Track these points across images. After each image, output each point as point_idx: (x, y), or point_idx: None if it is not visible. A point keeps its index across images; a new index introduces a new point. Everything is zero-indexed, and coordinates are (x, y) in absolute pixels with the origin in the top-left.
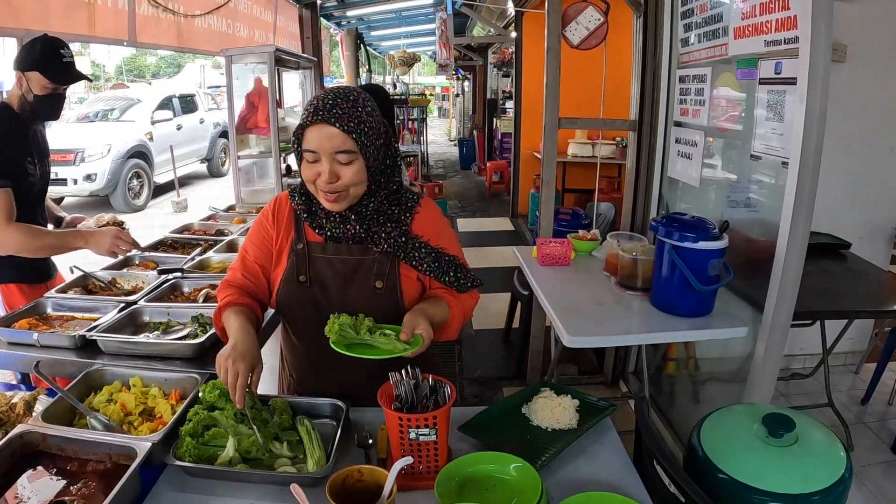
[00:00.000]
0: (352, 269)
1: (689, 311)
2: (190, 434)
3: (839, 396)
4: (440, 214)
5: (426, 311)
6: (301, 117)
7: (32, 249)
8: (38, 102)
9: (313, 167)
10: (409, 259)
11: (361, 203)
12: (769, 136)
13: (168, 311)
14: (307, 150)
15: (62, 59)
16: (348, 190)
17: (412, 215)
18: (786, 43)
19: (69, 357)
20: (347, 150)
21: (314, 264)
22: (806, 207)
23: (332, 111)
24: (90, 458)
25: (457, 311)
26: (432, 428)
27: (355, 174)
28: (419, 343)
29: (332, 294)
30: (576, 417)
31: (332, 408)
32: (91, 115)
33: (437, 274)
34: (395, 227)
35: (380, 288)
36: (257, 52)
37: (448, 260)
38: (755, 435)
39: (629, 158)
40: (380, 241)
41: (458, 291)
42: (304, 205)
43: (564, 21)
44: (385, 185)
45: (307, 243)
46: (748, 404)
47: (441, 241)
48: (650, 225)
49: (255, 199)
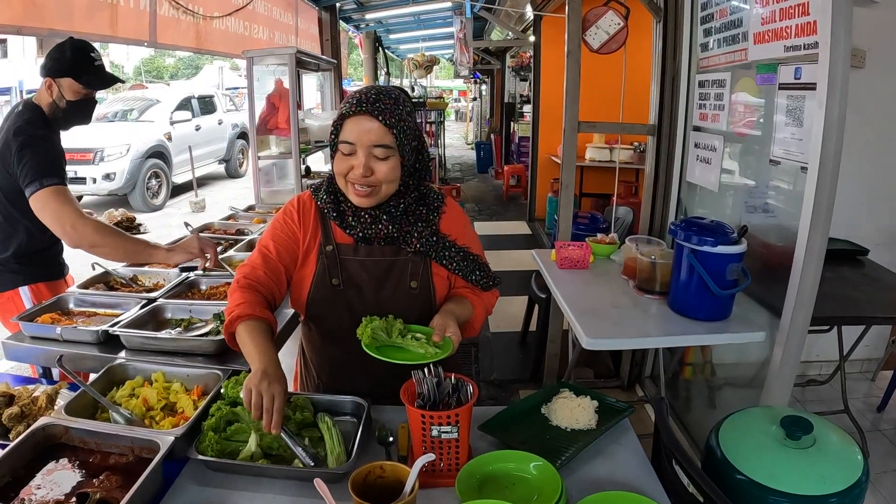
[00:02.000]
0: (385, 271)
1: (707, 315)
2: (212, 429)
3: (855, 403)
4: (463, 213)
5: (454, 311)
6: (340, 108)
7: (112, 246)
8: (70, 108)
9: (347, 160)
10: (440, 258)
11: (391, 203)
12: (788, 141)
13: (190, 308)
14: (344, 142)
15: (94, 62)
16: (381, 187)
17: (439, 215)
18: (805, 48)
19: (91, 352)
20: (386, 144)
21: (346, 266)
22: (825, 213)
23: (374, 104)
24: (112, 451)
25: (480, 310)
26: (454, 425)
27: (390, 171)
28: (449, 347)
29: (367, 296)
30: (595, 418)
31: (353, 405)
32: (110, 116)
33: (465, 272)
34: (425, 227)
35: (415, 288)
36: (278, 53)
37: (473, 259)
38: (773, 437)
39: (648, 163)
40: (412, 241)
41: (482, 290)
42: (332, 203)
43: (584, 25)
44: (415, 188)
45: (336, 245)
46: (766, 407)
47: (466, 239)
48: (669, 229)
49: (275, 200)
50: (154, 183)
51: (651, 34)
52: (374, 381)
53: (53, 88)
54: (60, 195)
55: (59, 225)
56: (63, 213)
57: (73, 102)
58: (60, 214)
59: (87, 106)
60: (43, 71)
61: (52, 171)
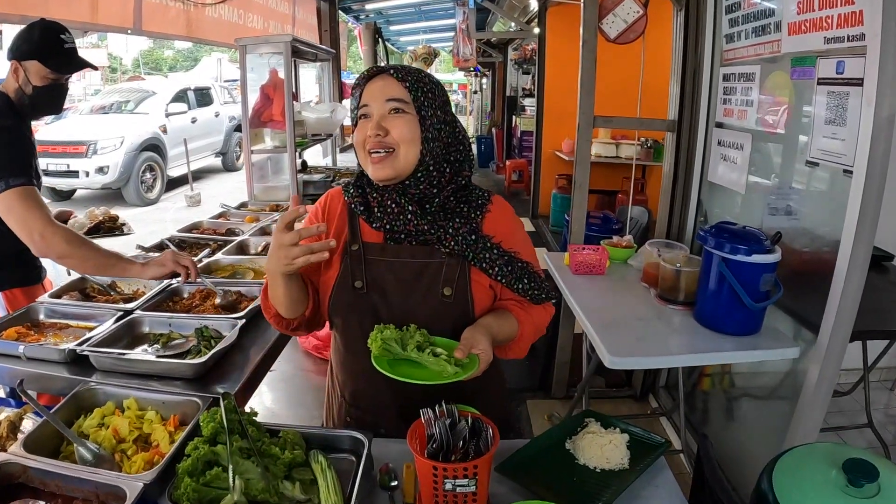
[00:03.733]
0: (415, 274)
1: (737, 328)
2: (188, 473)
3: (876, 415)
4: (513, 214)
5: (490, 326)
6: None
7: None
8: (37, 95)
9: (364, 125)
10: (480, 261)
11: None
12: (829, 141)
13: (170, 322)
14: (360, 107)
15: (63, 44)
16: (398, 151)
17: (483, 213)
18: (849, 40)
19: (59, 372)
20: (399, 98)
21: (371, 268)
22: (870, 221)
23: (391, 67)
24: (75, 495)
25: (527, 328)
26: (472, 478)
27: (406, 128)
28: (473, 367)
29: (393, 302)
30: (627, 455)
31: (351, 440)
32: (105, 108)
33: (510, 280)
34: (463, 224)
35: (448, 296)
36: (273, 41)
37: (522, 266)
38: (833, 483)
39: (666, 161)
40: (447, 240)
41: (531, 303)
42: (360, 197)
43: (601, 13)
44: (452, 180)
45: (363, 244)
46: (825, 444)
47: (514, 243)
48: (697, 235)
49: (269, 196)
50: (149, 176)
51: (671, 24)
52: (402, 400)
53: (20, 72)
54: (28, 198)
55: (26, 232)
56: (30, 219)
57: (40, 88)
58: (27, 220)
59: (56, 92)
60: (9, 53)
61: (18, 169)
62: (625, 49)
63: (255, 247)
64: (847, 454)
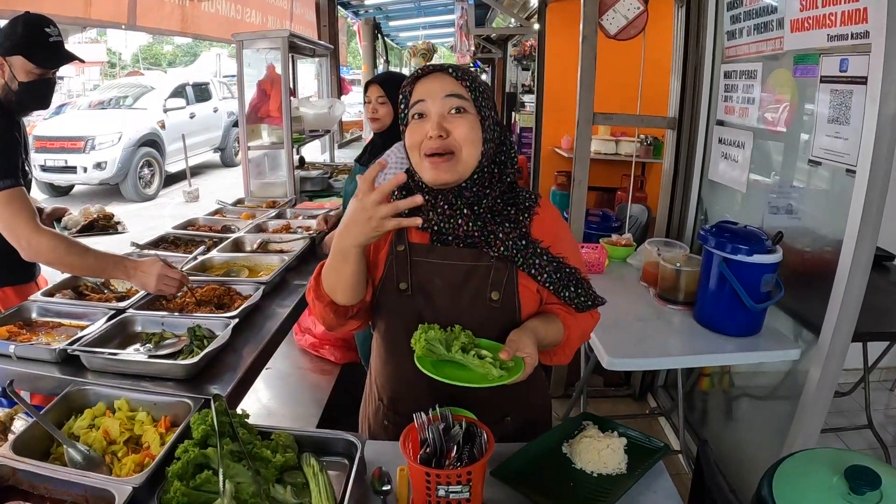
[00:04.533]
0: (463, 277)
1: (738, 329)
2: (178, 476)
3: (876, 416)
4: (560, 217)
5: (537, 330)
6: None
7: (68, 265)
8: (24, 90)
9: (420, 126)
10: (529, 266)
11: (474, 190)
12: (832, 140)
13: (162, 322)
14: (415, 103)
15: (48, 38)
16: (460, 153)
17: (531, 216)
18: (853, 38)
19: (50, 372)
20: (460, 94)
21: (417, 269)
22: (874, 221)
23: (445, 65)
24: (64, 498)
25: (574, 333)
26: (465, 484)
27: (469, 129)
28: (520, 370)
29: (439, 305)
30: (625, 460)
31: (344, 444)
32: (103, 103)
33: (557, 287)
34: (513, 229)
35: (496, 300)
36: (270, 36)
37: (569, 272)
38: (835, 490)
39: (667, 159)
40: (496, 244)
41: (576, 311)
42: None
43: (601, 9)
44: (500, 180)
45: (409, 245)
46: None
47: (562, 248)
48: (698, 234)
49: (266, 193)
50: (147, 172)
51: (672, 20)
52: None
53: (5, 68)
54: (14, 201)
55: (14, 237)
56: (16, 224)
57: (26, 84)
58: (13, 225)
59: (43, 87)
60: None
61: (5, 171)
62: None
63: (250, 244)
64: (849, 460)
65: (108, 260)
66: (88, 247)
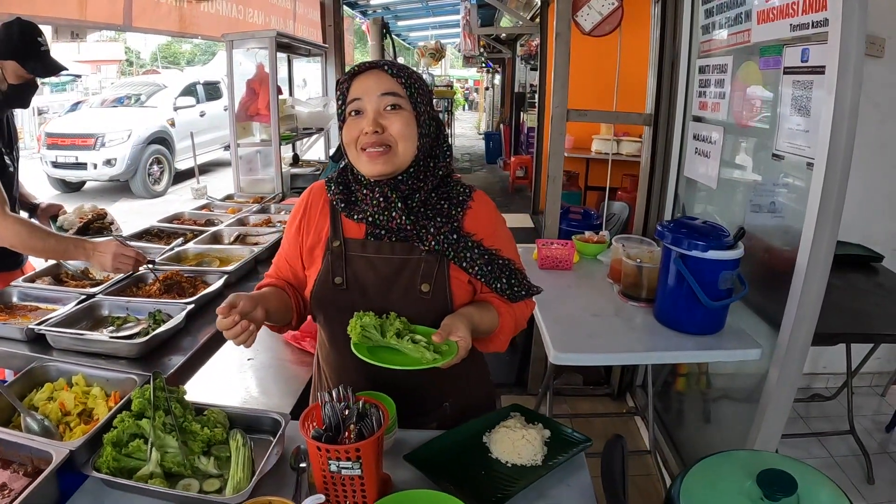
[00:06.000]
0: (395, 271)
1: (697, 328)
2: (113, 443)
3: (862, 421)
4: (495, 210)
5: (471, 316)
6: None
7: (31, 248)
8: (11, 91)
9: (356, 122)
10: (460, 260)
11: (408, 184)
12: (794, 132)
13: (127, 306)
14: (351, 101)
15: (40, 47)
16: (396, 147)
17: (464, 210)
18: (814, 26)
19: (21, 350)
20: (395, 93)
21: (352, 264)
22: (832, 214)
23: (381, 62)
24: (14, 460)
25: (507, 320)
26: (355, 461)
27: (404, 125)
28: (453, 352)
29: (373, 298)
30: (542, 452)
31: (270, 422)
32: (115, 101)
33: (489, 279)
34: (445, 223)
35: (426, 292)
36: (258, 36)
37: (502, 264)
38: (748, 495)
39: (643, 156)
40: (427, 238)
41: (509, 301)
42: (343, 194)
43: (576, 5)
44: (433, 173)
45: (344, 240)
46: (745, 451)
47: (496, 240)
48: (656, 230)
49: (255, 189)
50: (156, 169)
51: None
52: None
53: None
54: None
55: None
56: None
57: (14, 86)
58: None
59: (27, 90)
60: None
61: None
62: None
63: (228, 237)
64: (766, 462)
65: (68, 243)
66: (50, 231)
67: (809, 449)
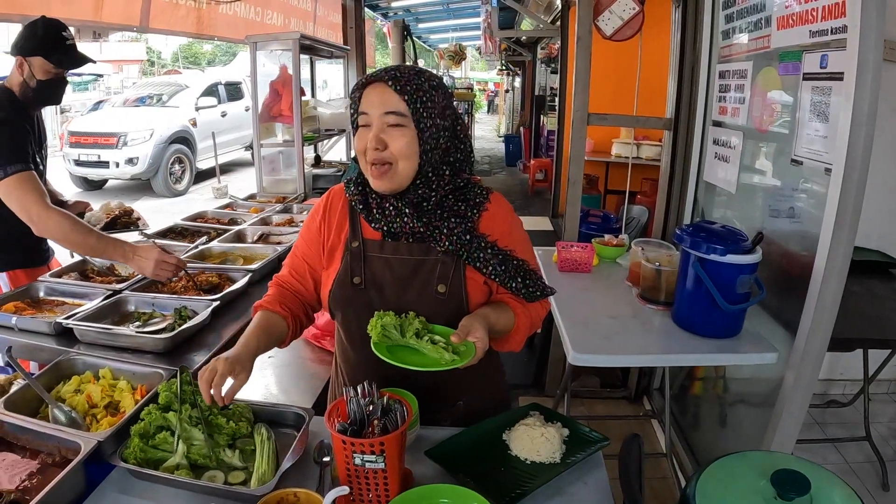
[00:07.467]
0: (411, 271)
1: (714, 331)
2: (140, 434)
3: (878, 428)
4: (511, 212)
5: (488, 316)
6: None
7: (71, 242)
8: (40, 88)
9: (364, 134)
10: (474, 260)
11: (420, 192)
12: (812, 138)
13: (153, 302)
14: (360, 113)
15: (65, 41)
16: (396, 165)
17: (480, 212)
18: (833, 33)
19: (48, 343)
20: (397, 111)
21: (370, 264)
22: (849, 219)
23: (389, 72)
24: (42, 450)
25: (523, 321)
26: (379, 455)
27: (405, 145)
28: (471, 353)
29: (390, 298)
30: (560, 450)
31: (294, 416)
32: (137, 100)
33: (504, 279)
34: (459, 224)
35: (442, 293)
36: (282, 38)
37: (517, 264)
38: (762, 495)
39: (663, 160)
40: (441, 239)
41: (525, 301)
42: (360, 195)
43: (597, 10)
44: (450, 180)
45: (363, 241)
46: (759, 452)
47: (511, 241)
48: (674, 233)
49: (278, 189)
50: (177, 168)
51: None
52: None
53: (24, 67)
54: (25, 182)
55: (25, 214)
56: (27, 202)
57: (43, 82)
58: (24, 203)
59: (57, 86)
60: (14, 49)
61: (16, 156)
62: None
63: (251, 236)
64: (780, 463)
65: (108, 242)
66: (92, 228)
67: (825, 455)
